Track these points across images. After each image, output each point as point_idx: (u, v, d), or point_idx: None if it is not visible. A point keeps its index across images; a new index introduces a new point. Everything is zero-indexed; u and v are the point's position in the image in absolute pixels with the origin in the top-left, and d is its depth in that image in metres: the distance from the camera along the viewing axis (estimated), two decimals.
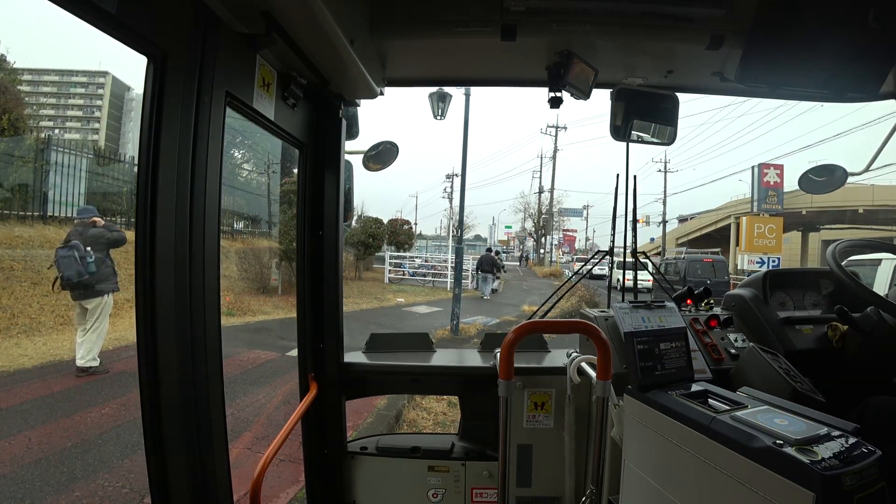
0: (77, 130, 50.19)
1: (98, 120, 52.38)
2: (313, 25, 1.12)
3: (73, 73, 53.35)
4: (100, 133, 50.67)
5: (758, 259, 23.91)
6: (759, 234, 24.66)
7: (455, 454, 1.77)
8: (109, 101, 52.86)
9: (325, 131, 1.60)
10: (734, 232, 27.19)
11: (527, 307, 11.91)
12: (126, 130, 52.63)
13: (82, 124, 52.15)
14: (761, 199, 25.62)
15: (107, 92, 53.12)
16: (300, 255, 1.65)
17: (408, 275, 18.53)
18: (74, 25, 27.57)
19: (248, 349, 6.44)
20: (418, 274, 18.59)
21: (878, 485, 0.78)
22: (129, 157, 10.36)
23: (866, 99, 1.59)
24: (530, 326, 1.36)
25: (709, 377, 1.42)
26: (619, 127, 1.70)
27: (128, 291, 5.99)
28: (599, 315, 1.57)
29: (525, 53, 1.53)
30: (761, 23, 1.30)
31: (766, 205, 25.42)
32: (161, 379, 0.92)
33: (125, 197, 9.90)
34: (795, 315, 1.68)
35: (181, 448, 0.95)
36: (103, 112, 52.52)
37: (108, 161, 9.98)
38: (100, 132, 50.91)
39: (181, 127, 0.92)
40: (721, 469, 0.89)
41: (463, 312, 10.06)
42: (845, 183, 1.83)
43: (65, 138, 27.47)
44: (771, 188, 25.65)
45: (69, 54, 68.16)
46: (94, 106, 52.94)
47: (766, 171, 25.56)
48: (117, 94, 54.22)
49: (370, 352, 1.92)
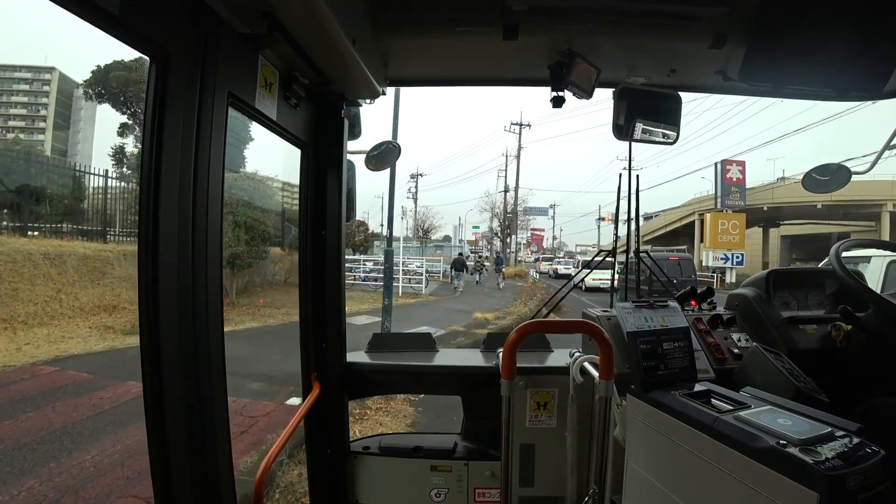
0: (22, 130, 44.50)
1: (44, 119, 47.33)
2: (315, 25, 1.12)
3: (15, 69, 47.81)
4: (46, 133, 45.69)
5: (722, 255, 24.19)
6: (722, 231, 24.95)
7: (458, 454, 1.77)
8: (56, 98, 47.77)
9: (328, 131, 1.60)
10: (698, 228, 27.42)
11: (479, 314, 11.26)
12: (76, 130, 47.76)
13: (27, 123, 46.67)
14: (724, 195, 25.88)
15: (53, 89, 47.92)
16: (302, 255, 1.65)
17: (359, 279, 17.77)
18: (15, 15, 25.14)
19: (123, 380, 5.35)
20: (370, 278, 17.65)
21: (883, 485, 0.78)
22: (81, 163, 10.06)
23: (871, 98, 1.58)
24: (533, 326, 1.36)
25: (712, 377, 1.42)
26: (622, 126, 1.69)
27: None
28: (602, 315, 1.57)
29: (527, 53, 1.52)
30: (764, 21, 1.30)
31: (730, 201, 25.68)
32: (164, 379, 0.93)
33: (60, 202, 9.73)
34: (799, 315, 1.67)
35: (185, 448, 0.96)
36: (49, 111, 47.35)
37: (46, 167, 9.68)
38: (46, 132, 45.89)
39: (183, 127, 0.92)
40: (724, 469, 0.89)
41: (407, 322, 9.60)
42: (849, 181, 1.82)
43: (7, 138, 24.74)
44: (734, 184, 25.96)
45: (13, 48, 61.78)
46: (39, 104, 47.65)
47: (729, 167, 25.86)
48: (65, 91, 48.74)
49: (373, 351, 1.93)
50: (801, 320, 1.64)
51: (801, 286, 1.80)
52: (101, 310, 8.83)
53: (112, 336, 7.70)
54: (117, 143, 17.59)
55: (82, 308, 8.61)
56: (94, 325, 8.15)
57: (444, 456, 1.77)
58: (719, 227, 24.83)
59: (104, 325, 8.18)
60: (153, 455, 0.94)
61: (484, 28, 1.38)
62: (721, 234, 24.78)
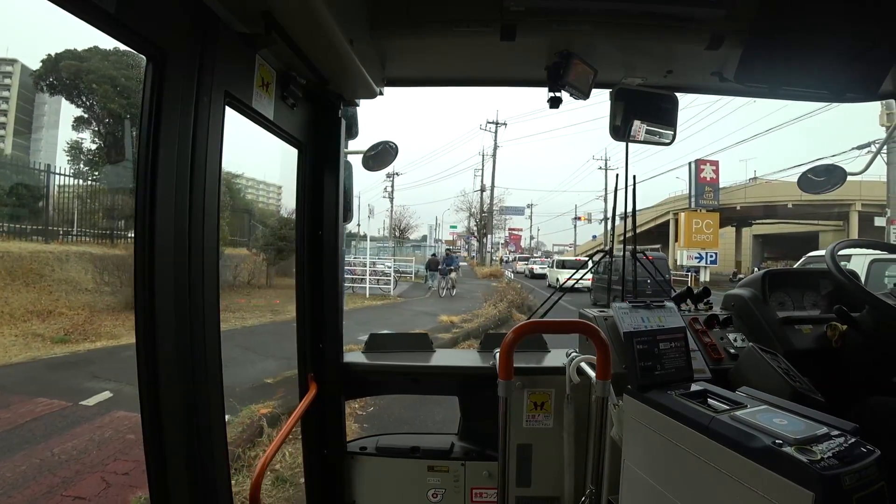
0: None
1: (5, 114, 41.35)
2: (313, 25, 1.12)
3: None
4: (7, 129, 38.62)
5: (696, 254, 24.40)
6: (697, 230, 25.18)
7: (455, 454, 1.77)
8: (18, 92, 41.99)
9: (325, 131, 1.60)
10: (673, 228, 27.61)
11: (444, 317, 10.68)
12: (38, 126, 40.54)
13: None
14: (699, 194, 26.17)
15: (15, 82, 42.31)
16: (299, 255, 1.65)
17: None
18: None
19: (31, 397, 4.73)
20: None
21: (878, 484, 0.78)
22: (43, 161, 9.06)
23: (866, 99, 1.59)
24: (530, 327, 1.37)
25: (708, 377, 1.42)
26: (619, 127, 1.70)
27: None
28: (599, 315, 1.57)
29: (525, 53, 1.52)
30: (761, 23, 1.30)
31: (704, 200, 25.96)
32: (160, 379, 0.92)
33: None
34: (795, 315, 1.68)
35: (181, 449, 0.95)
36: (10, 106, 41.45)
37: None
38: (7, 128, 39.09)
39: (180, 126, 0.92)
40: (720, 469, 0.89)
41: (366, 326, 8.94)
42: (845, 182, 1.83)
43: None
44: (707, 184, 26.25)
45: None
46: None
47: (703, 166, 26.16)
48: (28, 85, 41.52)
49: (370, 352, 1.92)
50: (797, 320, 1.65)
51: (796, 286, 1.80)
52: (34, 315, 8.05)
53: (39, 345, 7.00)
54: (72, 139, 15.30)
55: (12, 314, 7.83)
56: (21, 333, 7.43)
57: (441, 456, 1.77)
58: (693, 226, 25.12)
59: (33, 333, 7.46)
60: (149, 456, 0.94)
61: (481, 28, 1.38)
62: (695, 233, 25.08)
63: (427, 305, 13.80)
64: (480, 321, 10.04)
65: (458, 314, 11.16)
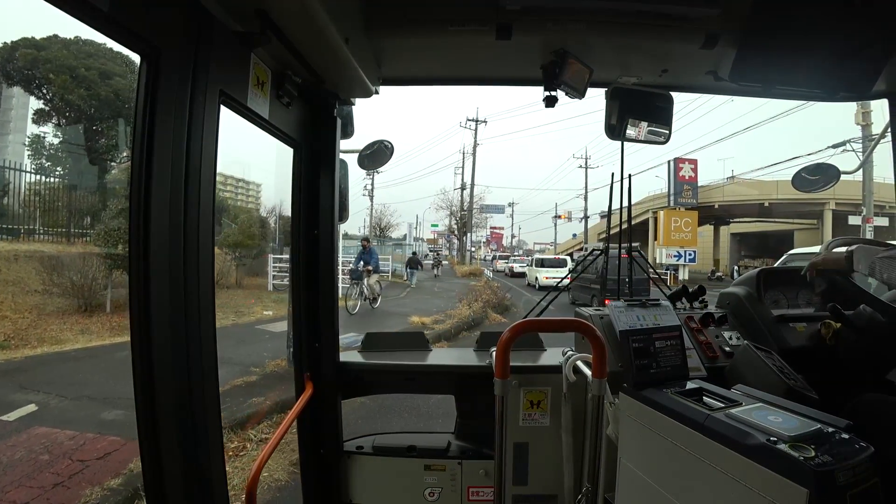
0: None
1: None
2: (308, 24, 1.12)
3: None
4: None
5: (675, 252, 24.58)
6: (675, 228, 25.32)
7: (451, 453, 1.78)
8: None
9: (320, 130, 1.60)
10: (652, 226, 27.68)
11: (416, 318, 10.14)
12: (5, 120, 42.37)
13: None
14: (678, 193, 26.30)
15: None
16: (295, 255, 1.64)
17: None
18: None
19: None
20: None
21: (871, 480, 0.79)
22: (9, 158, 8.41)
23: (859, 98, 1.60)
24: (526, 325, 1.37)
25: (703, 375, 1.43)
26: (614, 126, 1.70)
27: None
28: (595, 313, 1.58)
29: (520, 52, 1.52)
30: (756, 22, 1.31)
31: (682, 199, 26.12)
32: (156, 378, 0.92)
33: None
34: (789, 313, 1.69)
35: (176, 447, 0.95)
36: None
37: None
38: None
39: (175, 126, 0.92)
40: (715, 466, 0.90)
41: (342, 327, 8.45)
42: (838, 180, 1.84)
43: None
44: (686, 182, 26.39)
45: None
46: None
47: (682, 165, 26.27)
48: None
49: (366, 351, 1.92)
50: (792, 318, 1.66)
51: (791, 285, 1.82)
52: None
53: None
54: (32, 133, 14.79)
55: None
56: None
57: (438, 455, 1.77)
58: (672, 224, 25.26)
59: None
60: (145, 456, 0.93)
61: (477, 27, 1.38)
62: (674, 231, 25.23)
63: (400, 305, 13.08)
64: (453, 321, 9.66)
65: (431, 315, 10.68)
